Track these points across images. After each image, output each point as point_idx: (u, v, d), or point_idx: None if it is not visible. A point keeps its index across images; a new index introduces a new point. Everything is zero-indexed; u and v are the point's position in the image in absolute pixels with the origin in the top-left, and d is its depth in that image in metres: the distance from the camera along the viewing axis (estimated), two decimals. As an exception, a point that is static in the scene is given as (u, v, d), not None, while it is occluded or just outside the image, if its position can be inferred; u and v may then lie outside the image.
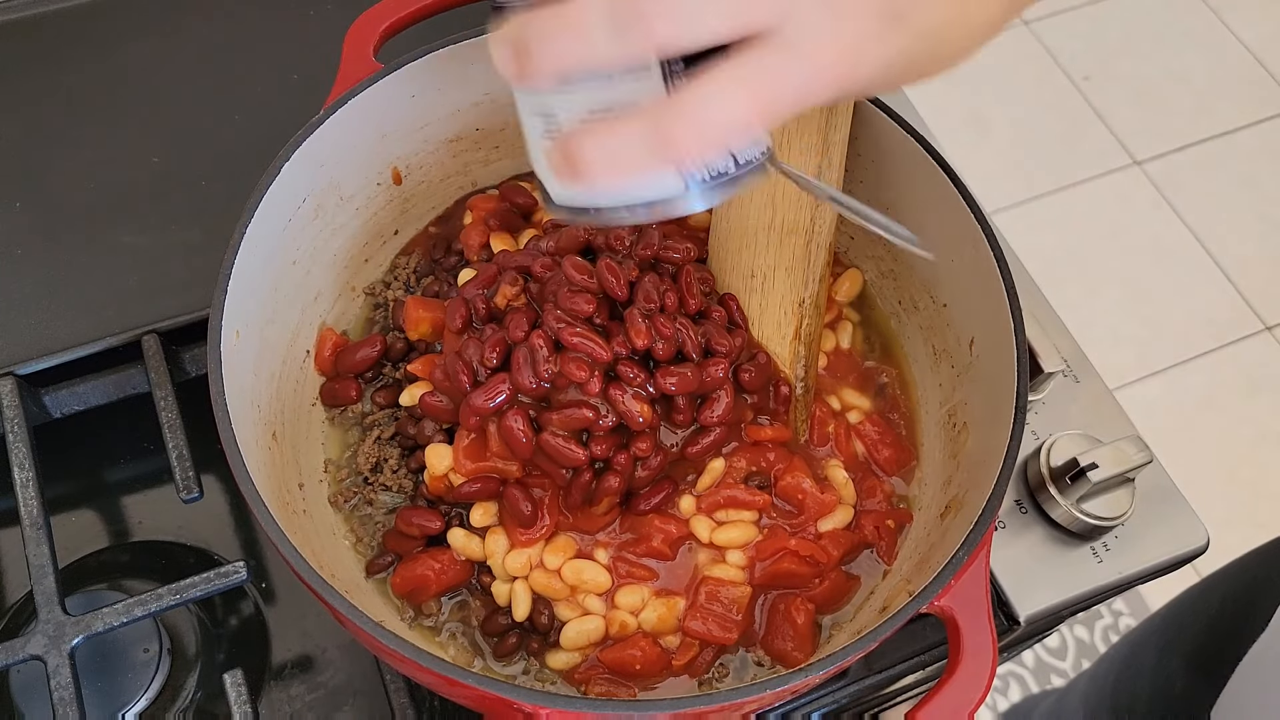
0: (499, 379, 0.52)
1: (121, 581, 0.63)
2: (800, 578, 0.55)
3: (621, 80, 0.39)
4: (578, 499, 0.54)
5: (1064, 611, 0.64)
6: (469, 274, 0.60)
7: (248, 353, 0.54)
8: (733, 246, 0.59)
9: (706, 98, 0.36)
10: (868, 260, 0.66)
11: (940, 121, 0.96)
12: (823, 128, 0.57)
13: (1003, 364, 0.53)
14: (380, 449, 0.59)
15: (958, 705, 0.46)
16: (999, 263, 0.54)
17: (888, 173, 0.61)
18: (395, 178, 0.64)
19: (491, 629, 0.55)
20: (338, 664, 0.62)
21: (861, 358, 0.64)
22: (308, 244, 0.60)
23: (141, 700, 0.59)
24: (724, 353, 0.54)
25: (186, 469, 0.61)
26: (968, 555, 0.47)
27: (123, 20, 0.80)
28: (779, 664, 0.55)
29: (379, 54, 0.61)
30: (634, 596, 0.54)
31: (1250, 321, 1.87)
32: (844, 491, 0.58)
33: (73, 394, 0.67)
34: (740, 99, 0.36)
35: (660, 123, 0.36)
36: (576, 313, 0.52)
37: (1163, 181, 2.02)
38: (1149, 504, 0.65)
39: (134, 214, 0.71)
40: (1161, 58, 2.17)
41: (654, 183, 0.40)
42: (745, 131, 0.37)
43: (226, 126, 0.76)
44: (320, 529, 0.57)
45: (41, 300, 0.67)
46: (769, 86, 0.36)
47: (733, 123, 0.36)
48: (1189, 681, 0.73)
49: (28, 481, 0.59)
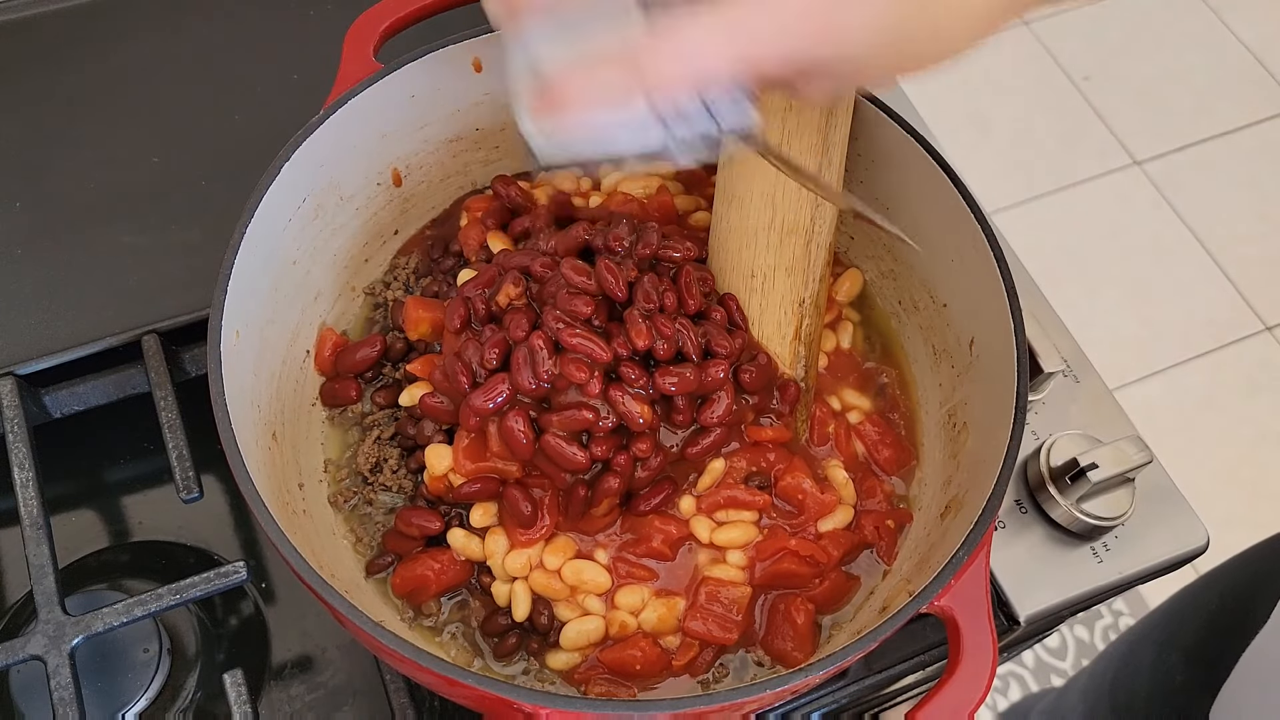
0: (498, 379, 0.52)
1: (121, 581, 0.63)
2: (800, 578, 0.55)
3: (603, 22, 0.39)
4: (577, 511, 0.54)
5: (1064, 611, 0.64)
6: (468, 274, 0.60)
7: (248, 353, 0.54)
8: (733, 246, 0.59)
9: (682, 37, 0.37)
10: (868, 260, 0.66)
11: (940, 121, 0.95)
12: (823, 128, 0.57)
13: (1003, 364, 0.53)
14: (380, 449, 0.59)
15: (958, 705, 0.46)
16: (999, 263, 0.54)
17: (888, 173, 0.61)
18: (395, 178, 0.64)
19: (491, 629, 0.55)
20: (338, 664, 0.62)
21: (862, 358, 0.64)
22: (308, 244, 0.60)
23: (141, 700, 0.59)
24: (724, 354, 0.54)
25: (186, 469, 0.60)
26: (968, 555, 0.47)
27: (123, 20, 0.80)
28: (779, 664, 0.55)
29: (379, 54, 0.61)
30: (634, 597, 0.54)
31: (1250, 321, 1.87)
32: (844, 491, 0.58)
33: (73, 394, 0.67)
34: (716, 41, 0.37)
35: (636, 58, 0.37)
36: (576, 314, 0.52)
37: (1163, 181, 2.02)
38: (1149, 504, 0.65)
39: (134, 214, 0.71)
40: (1161, 58, 2.17)
41: (634, 131, 0.41)
42: (722, 74, 0.37)
43: (226, 126, 0.76)
44: (320, 529, 0.57)
45: (41, 300, 0.67)
46: (745, 31, 0.37)
47: (708, 63, 0.37)
48: (1188, 677, 0.73)
49: (28, 481, 0.59)
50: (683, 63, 0.37)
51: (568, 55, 0.41)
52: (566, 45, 0.41)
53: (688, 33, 0.37)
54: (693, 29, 0.37)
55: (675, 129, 0.41)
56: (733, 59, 0.37)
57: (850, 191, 0.63)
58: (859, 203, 0.45)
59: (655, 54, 0.37)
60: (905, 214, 0.62)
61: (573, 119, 0.39)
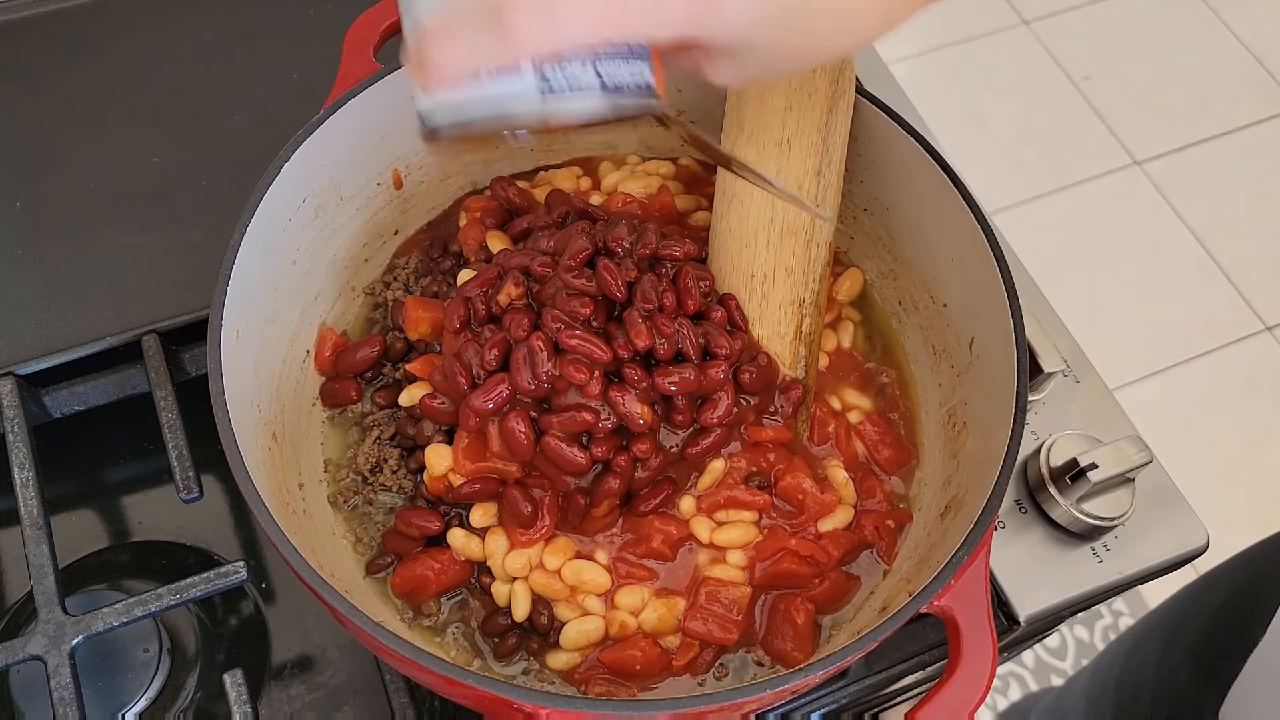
0: (498, 380, 0.52)
1: (121, 581, 0.63)
2: (800, 578, 0.55)
3: None
4: (576, 518, 0.54)
5: (1064, 611, 0.64)
6: (468, 274, 0.60)
7: (248, 353, 0.54)
8: (732, 246, 0.59)
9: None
10: (868, 260, 0.66)
11: (940, 121, 0.96)
12: (823, 127, 0.57)
13: (1003, 364, 0.53)
14: (380, 449, 0.59)
15: (958, 705, 0.46)
16: (999, 263, 0.54)
17: (888, 173, 0.61)
18: (395, 178, 0.64)
19: (491, 629, 0.55)
20: (338, 664, 0.62)
21: (862, 357, 0.64)
22: (308, 244, 0.60)
23: (141, 700, 0.59)
24: (724, 354, 0.54)
25: (186, 469, 0.60)
26: (968, 555, 0.47)
27: (123, 20, 0.80)
28: (779, 664, 0.55)
29: (379, 54, 0.61)
30: (634, 597, 0.54)
31: (1250, 321, 1.87)
32: (844, 491, 0.58)
33: (73, 394, 0.67)
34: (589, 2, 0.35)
35: (504, 15, 0.35)
36: (575, 315, 0.52)
37: (1163, 181, 2.02)
38: (1149, 504, 0.65)
39: (134, 214, 0.71)
40: (1161, 58, 2.17)
41: (513, 90, 0.39)
42: (594, 38, 0.36)
43: (226, 126, 0.76)
44: (320, 529, 0.57)
45: (41, 300, 0.67)
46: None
47: (577, 27, 0.36)
48: (1194, 674, 0.73)
49: (28, 481, 0.59)
50: (553, 22, 0.35)
51: (441, 10, 0.38)
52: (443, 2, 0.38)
53: None
54: None
55: (557, 87, 0.39)
56: (602, 24, 0.36)
57: (850, 191, 0.63)
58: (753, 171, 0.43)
59: (523, 12, 0.35)
60: (906, 214, 0.62)
61: (441, 84, 0.37)
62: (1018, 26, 2.19)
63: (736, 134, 0.59)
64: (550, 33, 0.36)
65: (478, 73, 0.37)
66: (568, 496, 0.54)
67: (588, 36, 0.36)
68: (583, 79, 0.39)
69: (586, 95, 0.40)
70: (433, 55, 0.36)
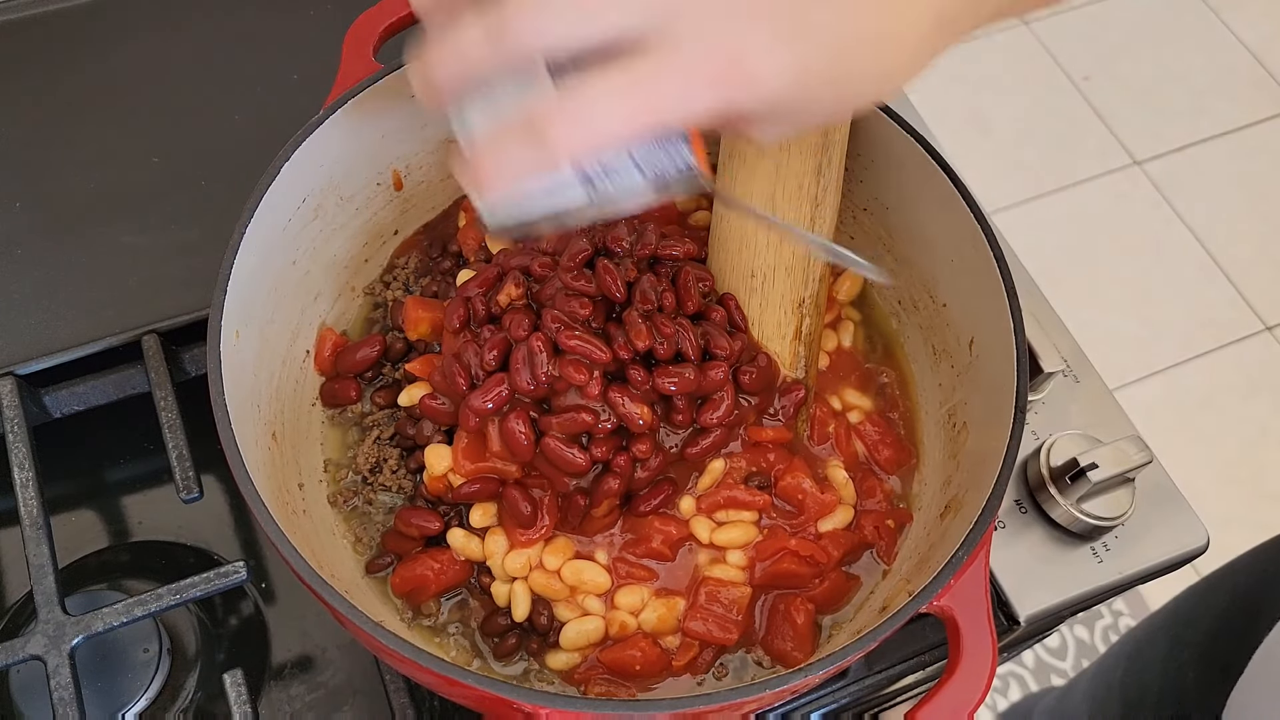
0: (497, 380, 0.52)
1: (121, 581, 0.63)
2: (800, 578, 0.55)
3: (514, 90, 0.40)
4: (575, 520, 0.54)
5: (1064, 611, 0.64)
6: (467, 274, 0.60)
7: (248, 353, 0.54)
8: (732, 246, 0.58)
9: (583, 101, 0.37)
10: (868, 260, 0.66)
11: (940, 121, 0.95)
12: (823, 126, 0.57)
13: (1003, 364, 0.53)
14: (380, 449, 0.59)
15: (958, 705, 0.46)
16: (999, 263, 0.54)
17: (888, 173, 0.61)
18: (395, 178, 0.64)
19: (491, 629, 0.55)
20: (338, 664, 0.62)
21: (862, 357, 0.64)
22: (307, 244, 0.60)
23: (141, 700, 0.59)
24: (724, 355, 0.54)
25: (186, 469, 0.60)
26: (967, 555, 0.47)
27: (123, 20, 0.80)
28: (779, 664, 0.55)
29: (379, 54, 0.61)
30: (634, 597, 0.54)
31: (1250, 321, 1.87)
32: (844, 491, 0.58)
33: (73, 394, 0.67)
34: (618, 103, 0.36)
35: (538, 126, 0.37)
36: (574, 315, 0.52)
37: (1163, 181, 2.02)
38: (1149, 504, 0.65)
39: (134, 214, 0.71)
40: (1161, 58, 2.17)
41: (559, 193, 0.41)
42: (627, 136, 0.37)
43: (226, 126, 0.76)
44: (320, 529, 0.57)
45: (41, 300, 0.67)
46: (647, 92, 0.36)
47: (612, 126, 0.37)
48: (1199, 674, 0.72)
49: (28, 481, 0.59)
50: (585, 127, 0.37)
51: (488, 119, 0.41)
52: (490, 116, 0.41)
53: (590, 96, 0.36)
54: (595, 92, 0.36)
55: (601, 185, 0.41)
56: (638, 119, 0.37)
57: (850, 191, 0.63)
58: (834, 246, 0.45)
59: (555, 122, 0.37)
60: (906, 214, 0.62)
61: (492, 193, 0.39)
62: (1017, 26, 2.19)
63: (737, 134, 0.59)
64: (584, 138, 0.37)
65: (521, 179, 0.38)
66: (567, 497, 0.54)
67: (622, 136, 0.37)
68: (623, 172, 0.41)
69: (631, 185, 0.42)
70: (481, 165, 0.38)
